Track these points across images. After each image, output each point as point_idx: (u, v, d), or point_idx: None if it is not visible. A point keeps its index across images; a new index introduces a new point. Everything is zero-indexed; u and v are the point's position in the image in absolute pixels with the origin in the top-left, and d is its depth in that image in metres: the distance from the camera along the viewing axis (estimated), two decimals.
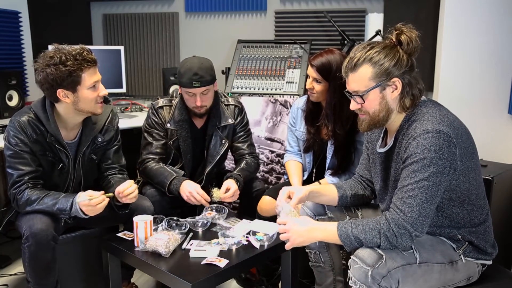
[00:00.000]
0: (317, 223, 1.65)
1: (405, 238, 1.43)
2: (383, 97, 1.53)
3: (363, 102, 1.55)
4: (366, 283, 1.43)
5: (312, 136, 2.31)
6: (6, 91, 3.13)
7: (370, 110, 1.55)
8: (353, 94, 1.56)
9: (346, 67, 1.56)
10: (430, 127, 1.44)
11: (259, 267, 2.43)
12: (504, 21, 2.63)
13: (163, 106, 2.35)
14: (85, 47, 1.89)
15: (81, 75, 1.85)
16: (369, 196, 1.89)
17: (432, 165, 1.42)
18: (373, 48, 1.52)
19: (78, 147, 2.04)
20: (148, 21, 4.01)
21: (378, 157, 1.70)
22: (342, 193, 1.84)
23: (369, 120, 1.58)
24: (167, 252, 1.74)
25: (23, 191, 1.87)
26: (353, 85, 1.55)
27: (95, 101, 1.93)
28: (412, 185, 1.44)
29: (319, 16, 3.53)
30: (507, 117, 2.68)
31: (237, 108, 2.43)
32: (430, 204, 1.44)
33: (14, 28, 3.40)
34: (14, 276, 2.57)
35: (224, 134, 2.38)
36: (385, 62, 1.49)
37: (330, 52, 2.20)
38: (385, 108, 1.54)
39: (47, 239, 1.80)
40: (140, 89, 4.16)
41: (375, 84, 1.51)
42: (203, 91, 2.21)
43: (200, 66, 2.19)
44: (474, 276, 1.60)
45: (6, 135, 1.92)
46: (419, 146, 1.43)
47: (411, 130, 1.50)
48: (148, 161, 2.29)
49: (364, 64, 1.51)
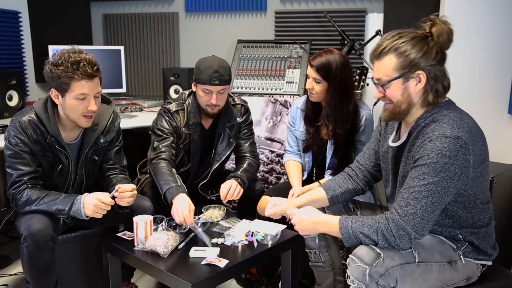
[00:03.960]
0: (322, 216, 1.63)
1: (403, 240, 1.42)
2: (406, 89, 1.49)
3: (384, 92, 1.52)
4: (364, 282, 1.43)
5: (311, 136, 2.31)
6: (6, 91, 3.12)
7: (393, 99, 1.52)
8: (376, 83, 1.54)
9: (373, 54, 1.53)
10: (449, 131, 1.41)
11: (259, 267, 2.43)
12: (504, 21, 2.63)
13: (178, 110, 2.32)
14: (90, 58, 1.85)
15: (69, 83, 1.82)
16: (362, 188, 1.86)
17: (443, 170, 1.39)
18: (402, 37, 1.48)
19: (80, 148, 2.04)
20: (148, 21, 4.01)
21: (390, 150, 1.67)
22: (331, 194, 1.84)
23: (392, 109, 1.55)
24: (166, 252, 1.74)
25: (23, 191, 1.87)
26: (376, 73, 1.53)
27: (80, 113, 1.89)
28: (419, 187, 1.42)
29: (319, 16, 3.53)
30: (507, 117, 2.68)
31: (243, 107, 2.45)
32: (435, 209, 1.42)
33: (14, 28, 3.40)
34: (14, 276, 2.57)
35: (232, 133, 2.39)
36: (411, 53, 1.45)
37: (329, 52, 2.21)
38: (408, 100, 1.51)
39: (45, 239, 1.80)
40: (140, 89, 4.16)
41: (398, 75, 1.48)
42: (220, 89, 2.22)
43: (221, 65, 2.21)
44: (473, 277, 1.59)
45: (7, 135, 1.92)
46: (434, 149, 1.40)
47: (428, 130, 1.47)
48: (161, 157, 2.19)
49: (389, 54, 1.47)
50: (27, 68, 3.50)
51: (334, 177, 1.92)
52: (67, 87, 1.84)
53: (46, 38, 3.48)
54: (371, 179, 1.87)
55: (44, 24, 3.63)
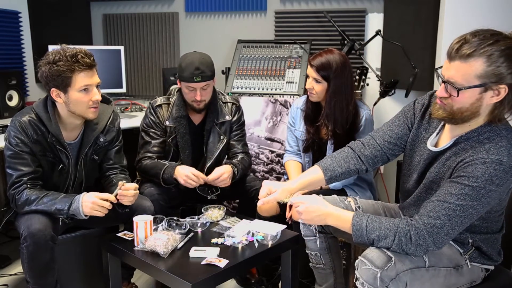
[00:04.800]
0: (333, 208, 1.57)
1: (419, 249, 1.39)
2: (480, 99, 1.34)
3: (456, 96, 1.34)
4: (375, 285, 1.40)
5: (311, 136, 2.31)
6: (6, 91, 3.13)
7: (456, 105, 1.37)
8: (448, 82, 1.35)
9: (457, 51, 1.32)
10: (506, 159, 1.32)
11: (259, 267, 2.43)
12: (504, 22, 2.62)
13: (161, 105, 2.37)
14: (85, 50, 1.88)
15: (71, 76, 1.83)
16: (366, 168, 1.72)
17: (486, 196, 1.34)
18: (497, 43, 1.29)
19: (80, 148, 2.04)
20: (148, 21, 4.01)
21: (425, 151, 1.55)
22: (330, 175, 1.72)
23: (449, 113, 1.40)
24: (166, 252, 1.74)
25: (22, 192, 1.87)
26: (454, 74, 1.33)
27: (86, 105, 1.91)
28: (455, 206, 1.35)
29: (319, 16, 3.53)
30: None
31: (234, 106, 2.46)
32: (461, 228, 1.39)
33: (14, 28, 3.40)
34: (14, 276, 2.57)
35: (222, 130, 2.40)
36: (502, 66, 1.28)
37: (329, 52, 2.21)
38: (475, 110, 1.36)
39: (45, 240, 1.80)
40: (140, 89, 4.16)
41: (479, 83, 1.31)
42: (203, 86, 2.23)
43: (202, 61, 2.21)
44: (477, 280, 1.58)
45: (7, 135, 1.92)
46: (486, 174, 1.32)
47: (482, 149, 1.35)
48: (145, 159, 2.33)
49: (480, 58, 1.29)
50: (27, 68, 3.50)
51: (334, 154, 1.78)
52: (69, 81, 1.84)
53: (46, 38, 3.47)
54: (379, 161, 1.72)
55: (44, 24, 3.63)
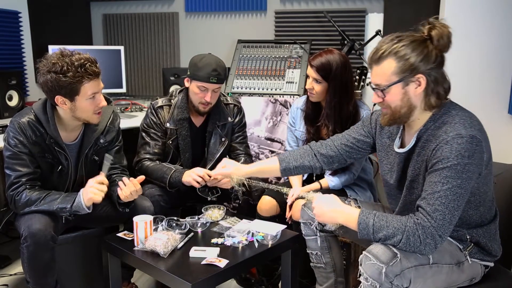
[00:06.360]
0: (342, 205, 1.59)
1: (428, 247, 1.39)
2: (405, 93, 1.47)
3: (383, 97, 1.50)
4: (379, 280, 1.41)
5: (311, 136, 2.31)
6: (6, 91, 3.13)
7: (392, 105, 1.51)
8: (375, 88, 1.52)
9: (371, 58, 1.50)
10: (463, 131, 1.40)
11: (259, 267, 2.43)
12: (504, 22, 2.63)
13: (162, 106, 2.35)
14: (90, 57, 1.85)
15: (80, 87, 1.82)
16: (321, 166, 1.85)
17: (465, 171, 1.38)
18: (401, 41, 1.45)
19: (80, 149, 2.03)
20: (148, 21, 4.01)
21: (395, 156, 1.64)
22: (284, 166, 1.86)
23: (391, 114, 1.53)
24: (166, 252, 1.74)
25: (21, 192, 1.87)
26: (375, 78, 1.51)
27: (92, 112, 1.91)
28: (444, 192, 1.39)
29: (319, 16, 3.53)
30: (507, 117, 2.68)
31: (236, 107, 2.45)
32: (459, 211, 1.41)
33: (14, 28, 3.40)
34: (14, 276, 2.57)
35: (224, 132, 2.39)
36: (411, 57, 1.43)
37: (329, 52, 2.20)
38: (407, 104, 1.49)
39: (45, 239, 1.80)
40: (140, 89, 4.16)
41: (397, 79, 1.46)
42: (216, 88, 2.23)
43: (218, 63, 2.22)
44: (477, 277, 1.60)
45: (6, 136, 1.92)
46: (453, 151, 1.39)
47: (441, 132, 1.45)
48: (144, 160, 2.31)
49: (389, 58, 1.45)
50: (27, 68, 3.51)
51: (294, 149, 1.97)
52: (77, 91, 1.83)
53: (46, 38, 3.47)
54: (335, 162, 1.84)
55: (44, 24, 3.63)
